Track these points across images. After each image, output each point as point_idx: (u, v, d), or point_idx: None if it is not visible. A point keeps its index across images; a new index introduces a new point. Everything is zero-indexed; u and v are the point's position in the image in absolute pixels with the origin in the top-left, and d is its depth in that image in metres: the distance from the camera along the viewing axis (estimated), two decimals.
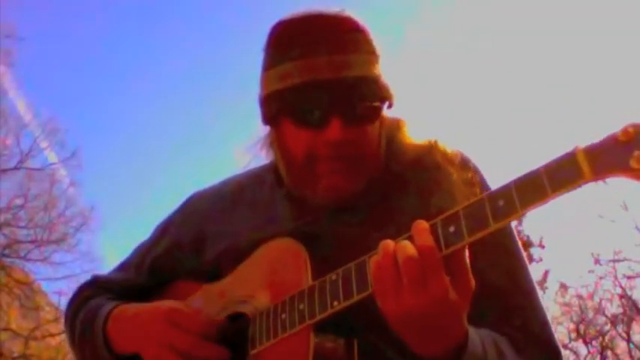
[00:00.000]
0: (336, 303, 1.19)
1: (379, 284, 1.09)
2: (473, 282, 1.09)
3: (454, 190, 1.34)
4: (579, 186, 0.94)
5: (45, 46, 30.60)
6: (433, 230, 1.08)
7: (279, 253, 1.34)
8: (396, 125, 1.43)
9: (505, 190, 1.02)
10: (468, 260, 1.08)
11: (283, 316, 1.26)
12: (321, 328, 1.23)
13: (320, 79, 1.29)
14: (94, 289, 1.60)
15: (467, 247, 1.07)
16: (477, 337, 1.15)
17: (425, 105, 1.45)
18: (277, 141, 1.40)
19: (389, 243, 1.09)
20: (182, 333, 1.33)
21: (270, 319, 1.29)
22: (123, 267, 1.64)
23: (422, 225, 1.08)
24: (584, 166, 0.93)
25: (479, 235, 1.04)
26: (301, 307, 1.23)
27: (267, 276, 1.35)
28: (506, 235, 1.37)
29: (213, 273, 1.46)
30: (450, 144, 1.42)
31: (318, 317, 1.21)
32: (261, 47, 1.39)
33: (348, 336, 1.24)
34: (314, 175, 1.33)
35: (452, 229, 1.07)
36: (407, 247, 1.06)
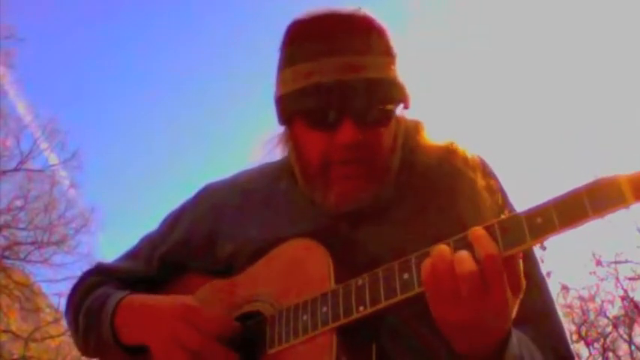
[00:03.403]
0: (362, 308, 1.18)
1: (436, 294, 1.08)
2: (524, 283, 1.09)
3: (478, 198, 1.33)
4: (620, 209, 0.98)
5: (45, 47, 30.66)
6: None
7: (300, 252, 1.32)
8: (414, 127, 1.41)
9: (543, 208, 1.04)
10: (521, 262, 1.09)
11: (305, 317, 1.24)
12: (339, 331, 1.21)
13: (334, 80, 1.27)
14: (99, 276, 1.57)
15: None
16: (513, 333, 1.16)
17: (425, 103, 1.43)
18: (292, 141, 1.38)
19: (445, 250, 1.08)
20: (196, 333, 1.30)
21: (290, 319, 1.27)
22: (129, 256, 1.60)
23: (480, 232, 1.07)
24: (627, 192, 0.97)
25: (516, 249, 1.06)
26: (324, 309, 1.22)
27: (286, 275, 1.32)
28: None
29: (226, 269, 1.44)
30: (469, 147, 1.41)
31: (342, 321, 1.20)
32: (260, 48, 1.41)
33: (367, 340, 1.23)
34: (327, 180, 1.32)
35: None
36: (467, 261, 1.05)
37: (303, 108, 1.30)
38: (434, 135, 1.41)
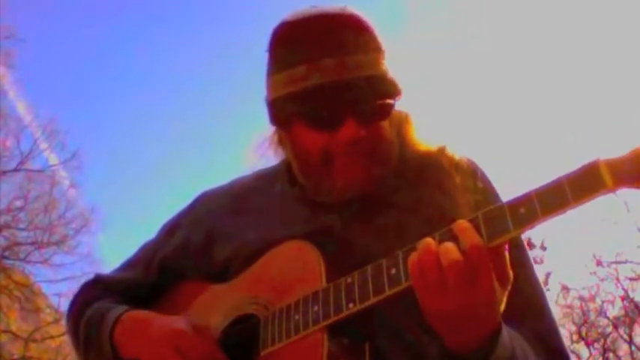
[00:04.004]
0: (351, 305, 1.19)
1: (423, 286, 1.09)
2: (511, 274, 1.11)
3: (456, 193, 1.34)
4: (600, 195, 1.00)
5: (45, 47, 30.65)
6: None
7: (293, 254, 1.33)
8: (403, 118, 1.43)
9: (526, 198, 1.06)
10: (507, 253, 1.10)
11: (296, 317, 1.25)
12: (333, 331, 1.22)
13: (331, 81, 1.29)
14: (97, 289, 1.58)
15: None
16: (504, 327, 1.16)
17: (424, 103, 1.46)
18: (290, 142, 1.39)
19: (430, 242, 1.09)
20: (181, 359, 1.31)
21: (282, 319, 1.28)
22: (128, 265, 1.62)
23: (464, 224, 1.09)
24: (606, 177, 0.98)
25: (501, 240, 1.07)
26: (315, 308, 1.23)
27: (279, 277, 1.34)
28: (517, 240, 1.37)
29: (223, 274, 1.45)
30: (460, 150, 1.42)
31: (333, 319, 1.21)
32: (261, 49, 1.38)
33: (360, 339, 1.24)
34: (331, 170, 1.33)
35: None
36: (452, 251, 1.07)
37: (304, 110, 1.31)
38: (429, 132, 1.43)
